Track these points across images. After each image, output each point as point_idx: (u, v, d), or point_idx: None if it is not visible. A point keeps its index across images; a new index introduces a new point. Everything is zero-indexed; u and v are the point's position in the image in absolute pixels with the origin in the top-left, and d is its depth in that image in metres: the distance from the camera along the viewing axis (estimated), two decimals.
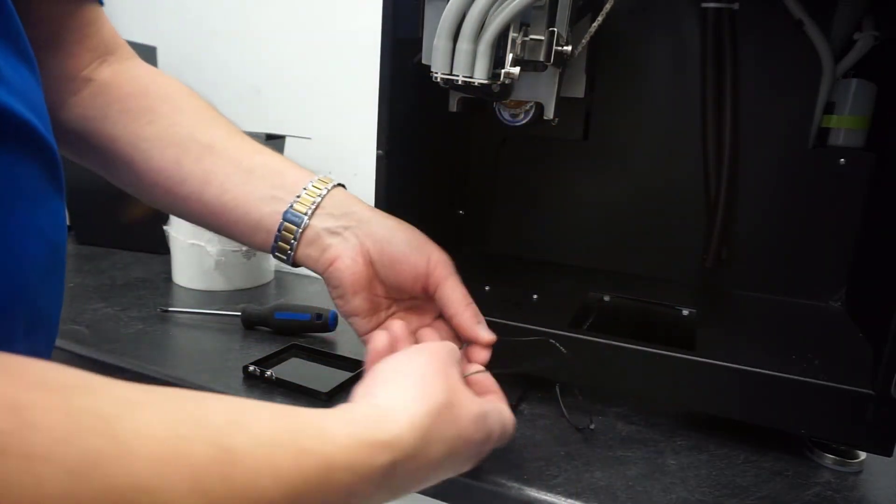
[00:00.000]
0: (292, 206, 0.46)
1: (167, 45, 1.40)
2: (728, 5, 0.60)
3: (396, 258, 0.46)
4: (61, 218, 0.42)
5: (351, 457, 0.29)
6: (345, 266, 0.46)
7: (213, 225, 0.50)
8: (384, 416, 0.33)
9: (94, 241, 0.99)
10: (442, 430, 0.35)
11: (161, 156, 0.49)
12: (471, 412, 0.38)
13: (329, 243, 0.46)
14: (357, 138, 1.15)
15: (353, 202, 0.49)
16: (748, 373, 0.49)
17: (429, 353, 0.39)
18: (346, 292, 0.47)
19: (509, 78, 0.45)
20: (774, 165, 0.64)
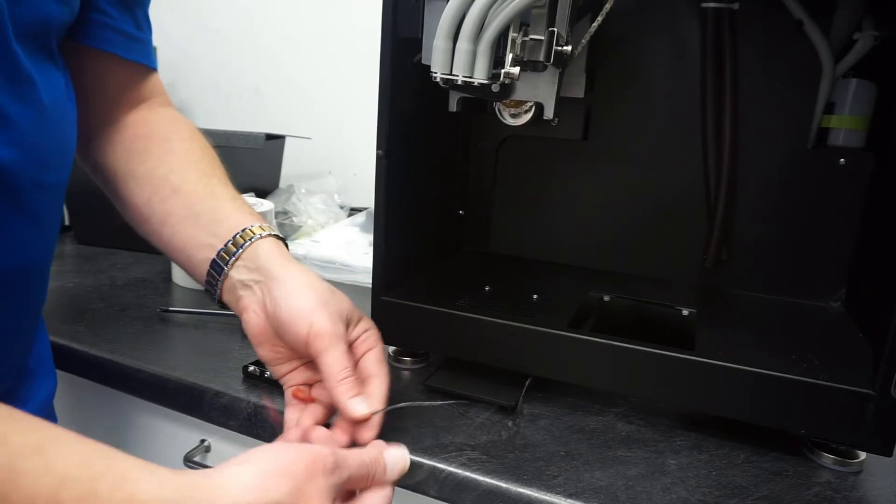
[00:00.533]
0: (219, 254, 0.49)
1: (167, 45, 1.40)
2: (728, 5, 0.60)
3: (281, 322, 0.46)
4: (19, 247, 0.43)
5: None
6: (249, 318, 0.48)
7: (170, 257, 0.55)
8: (209, 489, 0.31)
9: (94, 241, 0.99)
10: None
11: (140, 193, 0.54)
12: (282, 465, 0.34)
13: (241, 294, 0.49)
14: (357, 138, 1.15)
15: (271, 258, 0.49)
16: (748, 373, 0.49)
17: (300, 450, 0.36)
18: (253, 342, 0.49)
19: (509, 78, 0.45)
20: (774, 165, 0.64)
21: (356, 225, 1.06)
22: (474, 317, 0.56)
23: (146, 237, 0.56)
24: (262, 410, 0.54)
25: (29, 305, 0.47)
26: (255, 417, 0.54)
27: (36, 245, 0.45)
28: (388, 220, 0.57)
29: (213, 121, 1.48)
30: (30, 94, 0.42)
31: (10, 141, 0.40)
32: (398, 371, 0.62)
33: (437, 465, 0.47)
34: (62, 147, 0.46)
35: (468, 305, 0.59)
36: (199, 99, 1.50)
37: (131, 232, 0.58)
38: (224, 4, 1.41)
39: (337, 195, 1.17)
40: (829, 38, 0.60)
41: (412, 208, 0.63)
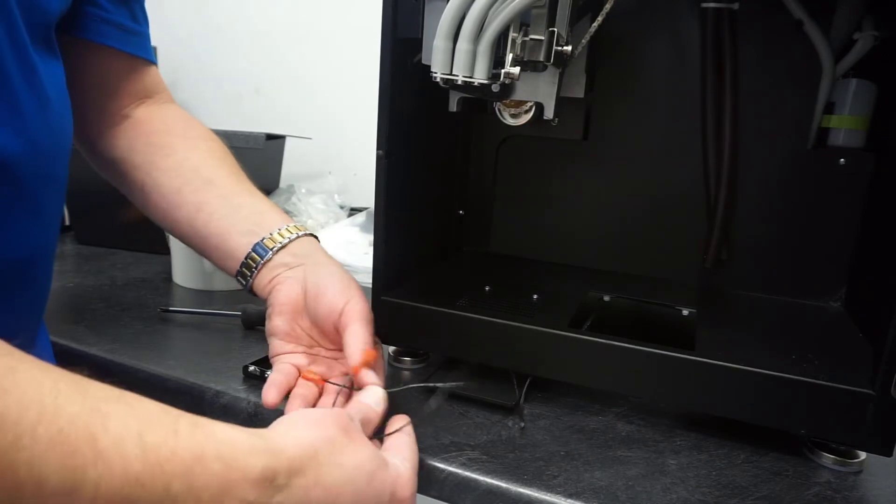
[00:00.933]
0: (262, 241, 0.54)
1: (168, 45, 1.40)
2: (728, 5, 0.60)
3: (322, 291, 0.51)
4: (24, 237, 0.44)
5: (225, 451, 0.30)
6: (282, 289, 0.53)
7: (195, 245, 0.59)
8: (273, 431, 0.34)
9: (94, 241, 0.99)
10: (337, 456, 0.35)
11: (168, 183, 0.57)
12: (371, 450, 0.38)
13: (279, 273, 0.54)
14: (357, 138, 1.15)
15: (317, 250, 0.56)
16: (748, 373, 0.49)
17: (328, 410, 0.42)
18: (274, 311, 0.53)
19: (509, 78, 0.45)
20: (774, 165, 0.64)
21: (356, 225, 1.06)
22: (474, 317, 0.56)
23: (166, 223, 0.59)
24: (262, 410, 0.54)
25: (33, 299, 0.48)
26: (255, 417, 0.54)
27: (38, 238, 0.46)
28: (388, 220, 0.57)
29: (213, 121, 1.47)
30: (37, 85, 0.43)
31: (18, 131, 0.41)
32: (398, 371, 0.62)
33: (437, 465, 0.47)
34: (63, 139, 0.47)
35: (468, 305, 0.59)
36: (199, 99, 1.50)
37: (131, 232, 0.59)
38: (225, 4, 1.41)
39: (337, 195, 1.18)
40: (829, 38, 0.60)
41: (412, 208, 0.63)
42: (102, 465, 0.25)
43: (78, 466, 0.25)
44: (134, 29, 0.56)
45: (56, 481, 0.24)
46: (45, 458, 0.24)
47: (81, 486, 0.25)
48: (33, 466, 0.24)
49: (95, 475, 0.25)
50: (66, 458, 0.25)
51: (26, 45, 0.41)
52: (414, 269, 0.65)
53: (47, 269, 0.49)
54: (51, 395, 0.25)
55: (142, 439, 0.27)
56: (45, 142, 0.44)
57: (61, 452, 0.25)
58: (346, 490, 0.35)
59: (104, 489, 0.26)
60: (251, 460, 0.30)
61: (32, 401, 0.25)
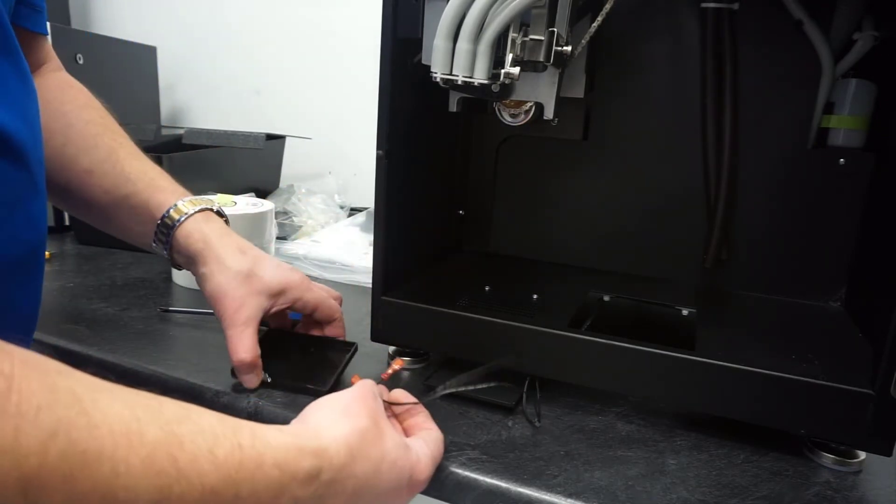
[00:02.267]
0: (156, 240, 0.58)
1: (167, 46, 1.40)
2: (728, 5, 0.60)
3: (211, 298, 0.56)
4: (38, 219, 0.45)
5: (280, 457, 0.33)
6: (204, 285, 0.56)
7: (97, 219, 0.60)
8: (313, 430, 0.38)
9: (94, 241, 0.99)
10: (367, 449, 0.39)
11: (55, 175, 0.56)
12: (395, 438, 0.41)
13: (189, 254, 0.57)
14: (357, 138, 1.15)
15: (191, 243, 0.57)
16: (748, 373, 0.49)
17: (353, 389, 0.43)
18: None
19: (509, 78, 0.45)
20: (774, 165, 0.64)
21: (356, 225, 1.06)
22: (474, 317, 0.56)
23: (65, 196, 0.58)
24: (262, 409, 0.54)
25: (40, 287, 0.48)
26: (255, 417, 0.54)
27: (44, 221, 0.47)
28: (388, 220, 0.57)
29: (213, 121, 1.48)
30: (23, 69, 0.43)
31: (21, 116, 0.41)
32: (398, 371, 0.62)
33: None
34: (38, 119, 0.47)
35: (468, 305, 0.59)
36: (199, 99, 1.50)
37: None
38: (225, 5, 1.41)
39: (337, 195, 1.18)
40: (829, 38, 0.60)
41: (412, 208, 0.63)
42: (184, 481, 0.29)
43: (165, 485, 0.28)
44: (40, 6, 0.55)
45: (148, 498, 0.28)
46: (138, 481, 0.27)
47: (167, 500, 0.28)
48: (129, 490, 0.27)
49: (179, 490, 0.29)
50: (154, 479, 0.28)
51: (9, 29, 0.41)
52: (414, 269, 0.65)
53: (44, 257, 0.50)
54: (135, 423, 0.28)
55: (213, 455, 0.30)
56: (38, 126, 0.45)
57: (151, 475, 0.28)
58: (373, 478, 0.38)
59: (187, 500, 0.29)
60: (301, 463, 0.34)
61: (121, 433, 0.27)
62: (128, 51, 1.28)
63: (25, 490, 0.24)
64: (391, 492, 0.40)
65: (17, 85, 0.42)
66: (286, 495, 0.33)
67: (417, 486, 0.43)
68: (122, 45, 1.26)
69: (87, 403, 0.27)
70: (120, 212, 0.58)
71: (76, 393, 0.27)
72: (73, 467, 0.25)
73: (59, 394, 0.26)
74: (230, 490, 0.31)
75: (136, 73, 1.32)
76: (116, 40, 1.24)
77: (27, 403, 0.24)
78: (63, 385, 0.27)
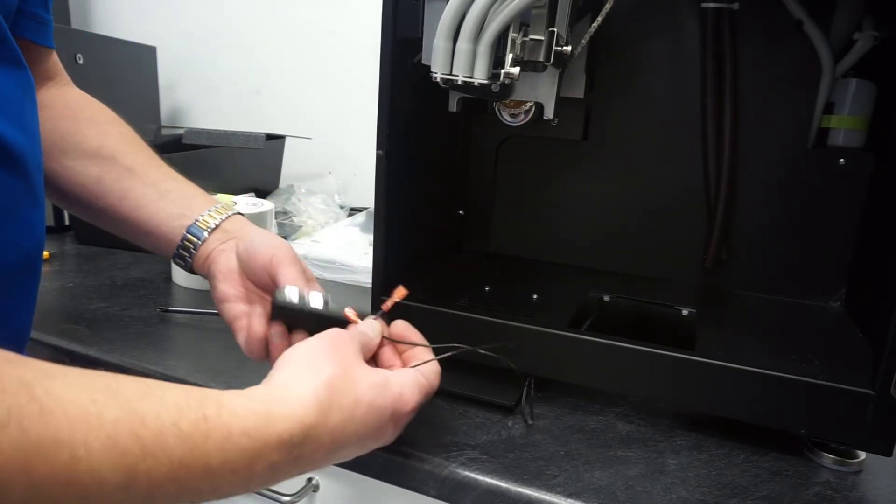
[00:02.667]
0: (195, 223, 0.56)
1: (167, 46, 1.40)
2: (728, 5, 0.60)
3: (251, 251, 0.54)
4: (35, 228, 0.45)
5: (249, 425, 0.33)
6: (221, 259, 0.55)
7: (125, 233, 0.59)
8: (281, 391, 0.37)
9: (94, 241, 0.99)
10: (338, 399, 0.38)
11: (86, 171, 0.57)
12: (368, 378, 0.41)
13: (215, 248, 0.56)
14: (357, 138, 1.15)
15: (245, 225, 0.58)
16: (748, 373, 0.49)
17: (321, 337, 0.43)
18: (217, 281, 0.55)
19: (509, 78, 0.45)
20: (774, 165, 0.64)
21: (356, 225, 1.06)
22: (474, 317, 0.56)
23: (90, 211, 0.59)
24: None
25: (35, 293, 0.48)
26: None
27: (42, 228, 0.47)
28: (388, 220, 0.57)
29: (213, 121, 1.48)
30: (24, 78, 0.43)
31: (19, 124, 0.42)
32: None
33: (436, 464, 0.47)
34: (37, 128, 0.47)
35: (468, 305, 0.59)
36: (199, 99, 1.50)
37: None
38: (225, 5, 1.41)
39: (337, 195, 1.17)
40: (829, 38, 0.60)
41: (412, 208, 0.63)
42: (150, 458, 0.29)
43: (130, 464, 0.28)
44: (46, 19, 0.55)
45: (115, 480, 0.27)
46: (101, 463, 0.27)
47: (135, 479, 0.28)
48: (93, 473, 0.27)
49: (146, 467, 0.28)
50: (118, 459, 0.28)
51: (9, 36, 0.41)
52: (414, 269, 0.65)
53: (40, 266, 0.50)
54: (91, 405, 0.28)
55: (178, 428, 0.30)
56: (36, 132, 0.45)
57: (114, 455, 0.27)
58: (349, 425, 0.38)
59: (156, 477, 0.29)
60: (272, 428, 0.34)
61: (77, 417, 0.27)
62: (128, 51, 1.28)
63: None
64: (373, 432, 0.40)
65: (16, 93, 0.42)
66: (261, 462, 0.33)
67: (403, 417, 0.42)
68: (122, 45, 1.26)
69: (38, 390, 0.26)
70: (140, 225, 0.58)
71: (25, 380, 0.26)
72: (28, 456, 0.25)
73: (6, 383, 0.25)
74: (199, 462, 0.31)
75: (136, 73, 1.31)
76: (116, 40, 1.24)
77: None
78: (11, 373, 0.26)
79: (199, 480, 0.31)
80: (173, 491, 0.30)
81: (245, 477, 0.33)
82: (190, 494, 0.31)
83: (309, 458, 0.37)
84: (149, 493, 0.29)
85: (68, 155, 0.57)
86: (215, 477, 0.32)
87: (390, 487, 0.50)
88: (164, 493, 0.30)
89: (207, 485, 0.32)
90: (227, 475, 0.32)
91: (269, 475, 0.35)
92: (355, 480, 0.53)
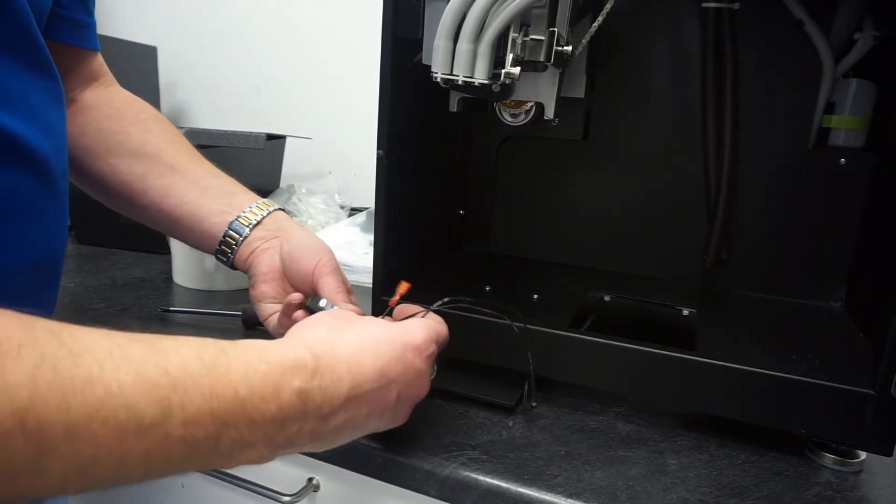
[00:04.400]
0: (237, 219, 0.58)
1: (167, 46, 1.40)
2: (728, 5, 0.60)
3: (296, 256, 0.56)
4: (58, 231, 0.46)
5: (262, 352, 0.34)
6: (264, 258, 0.57)
7: (165, 228, 0.61)
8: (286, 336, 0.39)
9: (94, 241, 0.99)
10: (341, 335, 0.39)
11: (129, 170, 0.58)
12: (369, 323, 0.42)
13: (258, 246, 0.58)
14: (357, 138, 1.15)
15: (289, 222, 0.59)
16: (748, 373, 0.49)
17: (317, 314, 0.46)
18: (258, 280, 0.57)
19: (509, 78, 0.45)
20: (774, 165, 0.64)
21: (356, 225, 1.06)
22: (474, 317, 0.56)
23: (132, 210, 0.60)
24: None
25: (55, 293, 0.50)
26: None
27: (64, 229, 0.48)
28: (388, 220, 0.57)
29: (213, 121, 1.48)
30: (50, 81, 0.44)
31: (45, 129, 0.42)
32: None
33: (437, 464, 0.47)
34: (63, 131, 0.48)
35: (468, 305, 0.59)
36: (199, 99, 1.50)
37: (131, 232, 0.59)
38: (224, 5, 1.41)
39: (337, 195, 1.17)
40: (829, 38, 0.60)
41: (412, 208, 0.63)
42: (181, 389, 0.29)
43: (163, 397, 0.28)
44: (87, 22, 0.56)
45: (150, 415, 0.28)
46: (135, 397, 0.27)
47: (170, 412, 0.28)
48: (129, 408, 0.27)
49: (178, 399, 0.29)
50: (150, 390, 0.28)
51: (40, 43, 0.42)
52: (414, 269, 0.65)
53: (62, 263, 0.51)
54: (116, 348, 0.28)
55: (202, 360, 0.31)
56: (61, 136, 0.46)
57: (146, 389, 0.28)
58: (362, 357, 0.39)
59: (190, 409, 0.29)
60: (284, 353, 0.35)
61: (105, 358, 0.28)
62: (128, 51, 1.28)
63: (23, 422, 0.24)
64: (394, 364, 0.40)
65: (43, 98, 0.43)
66: (285, 389, 0.33)
67: (418, 349, 0.42)
68: (122, 44, 1.26)
69: (65, 337, 0.27)
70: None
71: (52, 329, 0.27)
72: (65, 393, 0.25)
73: (36, 331, 0.26)
74: (228, 391, 0.31)
75: (136, 72, 1.31)
76: (116, 40, 1.24)
77: (7, 342, 0.25)
78: (38, 324, 0.27)
79: (233, 413, 0.31)
80: (211, 427, 0.30)
81: (277, 408, 0.33)
82: (230, 431, 0.31)
83: (335, 392, 0.36)
84: (185, 429, 0.29)
85: (113, 153, 0.58)
86: (247, 407, 0.31)
87: (390, 487, 0.50)
88: (203, 431, 0.29)
89: (243, 418, 0.31)
90: (258, 405, 0.32)
91: (301, 407, 0.34)
92: (355, 480, 0.53)
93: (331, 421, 0.36)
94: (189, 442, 0.29)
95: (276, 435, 0.33)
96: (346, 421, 0.37)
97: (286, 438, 0.34)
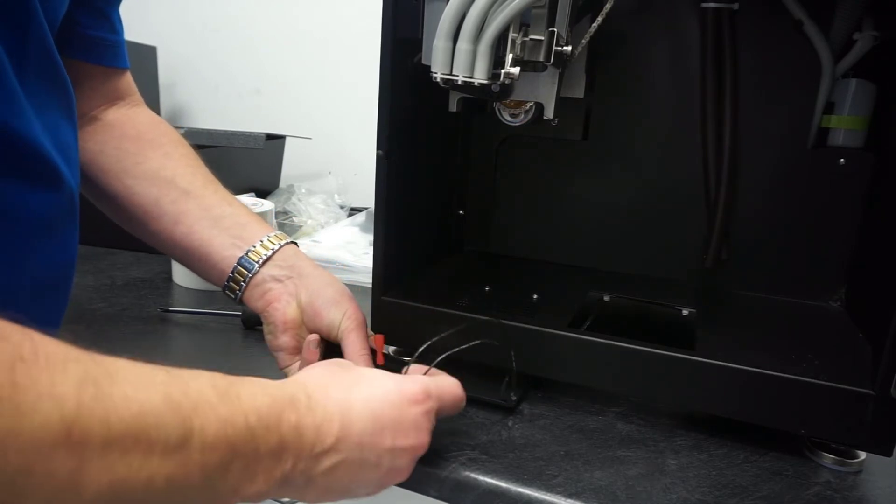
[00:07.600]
0: (247, 254, 0.55)
1: (167, 46, 1.40)
2: (728, 5, 0.60)
3: (317, 308, 0.54)
4: (72, 245, 0.47)
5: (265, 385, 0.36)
6: (279, 307, 0.54)
7: (175, 255, 0.60)
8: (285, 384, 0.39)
9: (94, 241, 0.99)
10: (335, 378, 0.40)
11: (143, 192, 0.57)
12: (366, 369, 0.43)
13: (271, 287, 0.55)
14: (357, 138, 1.15)
15: (299, 258, 0.57)
16: (748, 373, 0.49)
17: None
18: (277, 329, 0.54)
19: (509, 78, 0.45)
20: (774, 165, 0.64)
21: (356, 225, 1.06)
22: (474, 317, 0.56)
23: (143, 234, 0.59)
24: None
25: (65, 305, 0.50)
26: None
27: (76, 245, 0.48)
28: (388, 220, 0.57)
29: (213, 121, 1.48)
30: (64, 94, 0.45)
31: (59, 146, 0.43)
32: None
33: (436, 464, 0.47)
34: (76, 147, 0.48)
35: (468, 305, 0.59)
36: (199, 99, 1.50)
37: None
38: (224, 5, 1.41)
39: (337, 195, 1.18)
40: (829, 38, 0.60)
41: (412, 208, 0.63)
42: (201, 413, 0.30)
43: (186, 418, 0.30)
44: (112, 41, 0.56)
45: (176, 435, 0.29)
46: (164, 417, 0.29)
47: (191, 435, 0.30)
48: (159, 428, 0.29)
49: (199, 423, 0.30)
50: (177, 412, 0.30)
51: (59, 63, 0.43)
52: (414, 269, 0.65)
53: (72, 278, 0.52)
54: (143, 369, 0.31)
55: (216, 388, 0.32)
56: (73, 151, 0.46)
57: (173, 409, 0.30)
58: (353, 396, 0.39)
59: (208, 433, 0.30)
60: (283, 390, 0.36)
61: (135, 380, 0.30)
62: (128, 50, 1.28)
63: (69, 432, 0.25)
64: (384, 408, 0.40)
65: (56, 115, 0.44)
66: (284, 422, 0.34)
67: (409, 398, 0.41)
68: None
69: (98, 359, 0.29)
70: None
71: (86, 351, 0.29)
72: (106, 408, 0.27)
73: (78, 353, 0.28)
74: (240, 418, 0.32)
75: (136, 72, 1.31)
76: None
77: (54, 358, 0.26)
78: (73, 348, 0.29)
79: (243, 441, 0.32)
80: (225, 454, 0.31)
81: (278, 440, 0.34)
82: (238, 460, 0.32)
83: (327, 430, 0.36)
84: (202, 454, 0.30)
85: (129, 174, 0.58)
86: (256, 436, 0.32)
87: (390, 487, 0.50)
88: (217, 457, 0.31)
89: (251, 447, 0.32)
90: (264, 434, 0.33)
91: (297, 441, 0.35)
92: None
93: (323, 461, 0.36)
94: (204, 468, 0.30)
95: (274, 469, 0.34)
96: (338, 464, 0.37)
97: (282, 474, 0.34)
